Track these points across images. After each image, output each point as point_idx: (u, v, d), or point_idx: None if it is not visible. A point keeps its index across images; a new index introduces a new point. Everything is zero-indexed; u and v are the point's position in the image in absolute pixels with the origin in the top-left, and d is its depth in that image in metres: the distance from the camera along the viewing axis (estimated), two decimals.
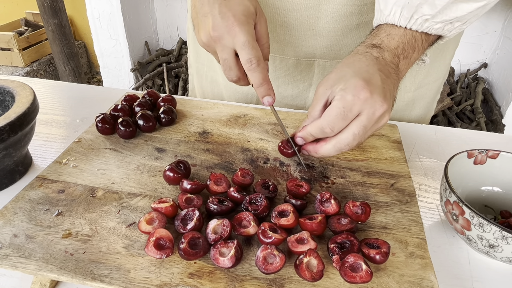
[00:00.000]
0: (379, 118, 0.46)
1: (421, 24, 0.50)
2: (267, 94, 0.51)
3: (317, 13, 0.65)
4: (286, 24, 0.67)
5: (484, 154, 0.52)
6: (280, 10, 0.66)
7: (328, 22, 0.66)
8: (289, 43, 0.70)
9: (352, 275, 0.38)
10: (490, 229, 0.41)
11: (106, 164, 0.54)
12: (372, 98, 0.44)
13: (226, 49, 0.50)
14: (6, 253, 0.40)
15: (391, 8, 0.51)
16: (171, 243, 0.41)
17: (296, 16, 0.66)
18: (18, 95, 0.56)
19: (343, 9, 0.64)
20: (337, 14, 0.65)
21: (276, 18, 0.67)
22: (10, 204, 0.46)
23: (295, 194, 0.48)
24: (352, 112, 0.45)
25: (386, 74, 0.47)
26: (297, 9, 0.65)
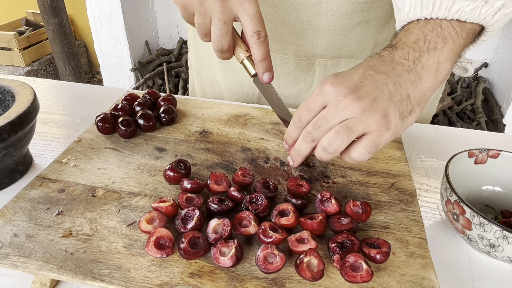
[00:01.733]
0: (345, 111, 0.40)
1: (447, 8, 0.43)
2: (268, 70, 0.50)
3: (318, 11, 0.65)
4: (286, 23, 0.67)
5: (485, 154, 0.52)
6: (280, 8, 0.66)
7: (329, 20, 0.66)
8: (289, 42, 0.70)
9: (353, 274, 0.38)
10: (491, 229, 0.41)
11: (107, 164, 0.54)
12: (334, 90, 0.41)
13: (229, 12, 0.47)
14: (6, 252, 0.40)
15: (410, 3, 0.45)
16: (171, 242, 0.41)
17: (296, 15, 0.66)
18: (19, 94, 0.56)
19: (344, 7, 0.64)
20: (337, 12, 0.65)
21: (276, 17, 0.67)
22: (10, 204, 0.46)
23: (295, 193, 0.48)
24: (315, 104, 0.43)
25: (380, 70, 0.43)
26: (297, 7, 0.65)
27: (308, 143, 0.44)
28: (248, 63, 0.51)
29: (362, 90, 0.41)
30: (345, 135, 0.40)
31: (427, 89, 0.43)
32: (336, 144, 0.41)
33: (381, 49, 0.46)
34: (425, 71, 0.43)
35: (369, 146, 0.41)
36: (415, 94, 0.42)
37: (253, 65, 0.51)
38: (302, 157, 0.46)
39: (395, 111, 0.41)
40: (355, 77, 0.42)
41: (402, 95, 0.42)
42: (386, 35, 0.70)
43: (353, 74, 0.42)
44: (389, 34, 0.71)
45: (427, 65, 0.43)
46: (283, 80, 0.76)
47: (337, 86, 0.41)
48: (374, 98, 0.40)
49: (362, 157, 0.41)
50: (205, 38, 0.51)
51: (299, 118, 0.44)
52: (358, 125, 0.40)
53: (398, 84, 0.42)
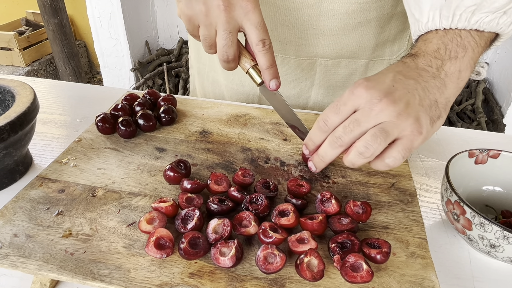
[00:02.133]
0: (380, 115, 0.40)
1: (467, 19, 0.44)
2: (274, 77, 0.50)
3: (318, 11, 0.65)
4: (287, 23, 0.67)
5: (485, 154, 0.52)
6: (281, 9, 0.66)
7: (330, 21, 0.66)
8: (290, 42, 0.70)
9: (353, 275, 0.38)
10: (491, 229, 0.41)
11: (107, 164, 0.54)
12: (368, 93, 0.40)
13: (233, 22, 0.47)
14: (6, 252, 0.40)
15: (428, 14, 0.46)
16: (171, 242, 0.41)
17: (297, 15, 0.66)
18: (19, 94, 0.56)
19: (345, 7, 0.64)
20: (338, 13, 0.65)
21: (277, 17, 0.67)
22: (10, 204, 0.46)
23: (295, 193, 0.48)
24: (346, 106, 0.41)
25: (409, 75, 0.43)
26: (298, 7, 0.65)
27: (335, 148, 0.42)
28: (254, 72, 0.51)
29: (396, 94, 0.40)
30: (382, 139, 0.39)
31: (451, 95, 0.43)
32: (373, 148, 0.39)
33: (401, 58, 0.46)
34: (448, 78, 0.43)
35: (403, 151, 0.40)
36: (441, 100, 0.42)
37: (258, 73, 0.51)
38: (326, 163, 0.44)
39: (426, 115, 0.40)
40: (387, 81, 0.41)
41: (431, 100, 0.42)
42: (387, 35, 0.70)
43: (384, 78, 0.42)
44: (390, 34, 0.71)
45: (450, 73, 0.43)
46: (284, 80, 0.76)
47: (370, 89, 0.40)
48: (407, 102, 0.40)
49: (397, 163, 0.41)
50: (210, 50, 0.51)
51: (325, 121, 0.42)
52: (393, 129, 0.39)
53: (427, 89, 0.42)
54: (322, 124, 0.43)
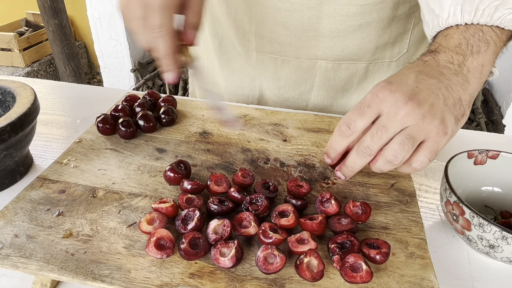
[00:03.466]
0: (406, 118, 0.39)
1: (490, 15, 0.43)
2: (168, 70, 0.47)
3: (319, 13, 0.65)
4: (287, 25, 0.67)
5: (484, 155, 0.52)
6: (281, 11, 0.66)
7: (330, 23, 0.66)
8: (290, 44, 0.70)
9: (353, 275, 0.38)
10: (490, 229, 0.41)
11: (107, 165, 0.54)
12: (392, 96, 0.39)
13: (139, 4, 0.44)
14: (7, 253, 0.40)
15: (449, 9, 0.45)
16: (171, 243, 0.41)
17: (297, 17, 0.66)
18: (19, 95, 0.56)
19: (345, 9, 0.64)
20: (339, 15, 0.65)
21: (277, 19, 0.67)
22: (11, 204, 0.46)
23: (295, 194, 0.48)
24: (370, 109, 0.40)
25: (430, 75, 0.42)
26: (298, 9, 0.65)
27: (365, 157, 0.41)
28: None
29: (420, 95, 0.39)
30: (410, 146, 0.39)
31: (475, 91, 0.43)
32: (402, 156, 0.39)
33: (420, 55, 0.45)
34: (471, 74, 0.43)
35: (429, 154, 0.40)
36: (465, 97, 0.42)
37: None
38: (356, 172, 0.43)
39: (450, 115, 0.40)
40: (410, 82, 0.41)
41: (455, 99, 0.41)
42: (388, 37, 0.70)
43: (407, 79, 0.41)
44: (391, 37, 0.71)
45: (472, 68, 0.43)
46: (283, 82, 0.76)
47: (395, 92, 0.39)
48: (432, 103, 0.39)
49: (424, 166, 0.40)
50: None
51: (349, 125, 0.41)
52: (419, 132, 0.39)
53: (450, 87, 0.41)
54: (345, 128, 0.41)
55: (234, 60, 0.78)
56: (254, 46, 0.73)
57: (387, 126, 0.39)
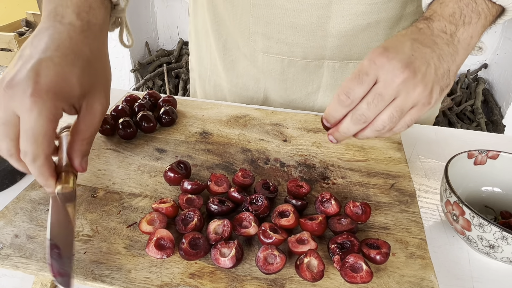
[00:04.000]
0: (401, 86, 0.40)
1: None
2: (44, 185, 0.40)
3: (328, 13, 0.64)
4: (295, 25, 0.67)
5: (484, 155, 0.52)
6: (289, 11, 0.66)
7: (339, 22, 0.65)
8: (298, 45, 0.69)
9: (353, 275, 0.38)
10: (490, 230, 0.41)
11: (107, 165, 0.54)
12: (390, 64, 0.40)
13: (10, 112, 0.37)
14: (7, 253, 0.40)
15: None
16: (171, 243, 0.41)
17: (306, 17, 0.66)
18: None
19: (354, 9, 0.64)
20: (348, 14, 0.64)
21: (285, 20, 0.67)
22: (11, 205, 0.46)
23: (295, 194, 0.48)
24: (368, 76, 0.40)
25: (425, 43, 0.42)
26: (307, 9, 0.65)
27: (359, 124, 0.42)
28: None
29: (415, 64, 0.40)
30: (398, 118, 0.41)
31: (461, 62, 0.44)
32: (389, 126, 0.41)
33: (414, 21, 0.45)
34: (460, 45, 0.44)
35: (410, 122, 0.42)
36: (453, 68, 0.43)
37: None
38: (348, 137, 0.44)
39: (438, 86, 0.41)
40: (406, 50, 0.41)
41: (444, 70, 0.42)
42: None
43: (403, 46, 0.41)
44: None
45: (462, 39, 0.44)
46: (290, 83, 0.75)
47: (392, 60, 0.40)
48: (424, 73, 0.40)
49: (402, 131, 0.43)
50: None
51: (348, 94, 0.41)
52: (408, 103, 0.40)
53: (441, 57, 0.42)
54: (344, 97, 0.41)
55: (239, 62, 0.77)
56: (260, 47, 0.73)
57: (383, 94, 0.40)
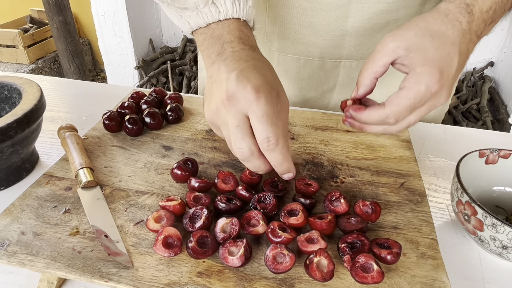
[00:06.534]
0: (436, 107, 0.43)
1: None
2: (287, 172, 0.44)
3: (347, 12, 0.63)
4: (313, 24, 0.66)
5: (496, 154, 0.51)
6: (307, 10, 0.65)
7: (358, 21, 0.64)
8: (315, 44, 0.68)
9: (363, 275, 0.37)
10: (503, 230, 0.40)
11: (113, 162, 0.54)
12: (440, 93, 0.41)
13: (239, 115, 0.41)
14: (14, 250, 0.40)
15: None
16: (179, 241, 0.40)
17: (324, 16, 0.65)
18: (25, 92, 0.56)
19: (374, 7, 0.62)
20: (367, 13, 0.63)
21: (302, 19, 0.66)
22: (18, 201, 0.46)
23: (304, 193, 0.48)
24: (420, 104, 0.42)
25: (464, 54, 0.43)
26: (325, 9, 0.64)
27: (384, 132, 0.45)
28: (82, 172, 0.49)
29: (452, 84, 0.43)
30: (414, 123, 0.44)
31: None
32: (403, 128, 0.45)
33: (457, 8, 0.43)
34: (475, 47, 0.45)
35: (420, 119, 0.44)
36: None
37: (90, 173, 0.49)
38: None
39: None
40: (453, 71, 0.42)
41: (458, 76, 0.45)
42: None
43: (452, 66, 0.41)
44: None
45: (480, 38, 0.45)
46: (305, 83, 0.74)
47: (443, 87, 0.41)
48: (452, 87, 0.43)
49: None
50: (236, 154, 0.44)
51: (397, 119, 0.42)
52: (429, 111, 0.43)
53: (465, 64, 0.44)
54: (392, 121, 0.42)
55: None
56: (276, 47, 0.72)
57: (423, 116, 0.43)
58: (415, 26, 0.43)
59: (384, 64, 0.43)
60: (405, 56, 0.41)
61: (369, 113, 0.43)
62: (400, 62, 0.42)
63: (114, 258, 0.39)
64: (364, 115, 0.44)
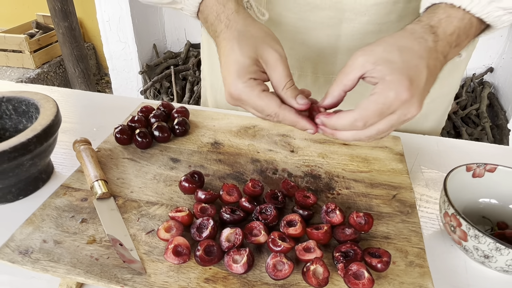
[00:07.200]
0: (409, 119, 0.45)
1: (483, 7, 0.46)
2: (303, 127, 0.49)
3: (338, 31, 0.67)
4: (306, 42, 0.70)
5: (482, 168, 0.55)
6: (301, 29, 0.68)
7: (348, 41, 0.67)
8: (308, 60, 0.72)
9: (355, 282, 0.41)
10: (485, 241, 0.44)
11: (125, 174, 0.58)
12: (411, 102, 0.43)
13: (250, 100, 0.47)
14: (37, 257, 0.44)
15: None
16: (188, 250, 0.44)
17: (316, 35, 0.68)
18: (42, 107, 0.60)
19: (364, 28, 0.66)
20: (358, 33, 0.66)
21: (296, 37, 0.70)
22: (38, 211, 0.50)
23: (302, 204, 0.51)
24: (389, 110, 0.43)
25: (433, 71, 0.45)
26: (318, 28, 0.67)
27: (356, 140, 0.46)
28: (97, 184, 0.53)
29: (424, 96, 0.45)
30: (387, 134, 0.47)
31: None
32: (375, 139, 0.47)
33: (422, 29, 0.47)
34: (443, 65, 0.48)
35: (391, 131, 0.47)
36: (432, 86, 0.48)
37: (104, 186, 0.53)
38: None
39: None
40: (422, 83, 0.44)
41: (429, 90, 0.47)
42: None
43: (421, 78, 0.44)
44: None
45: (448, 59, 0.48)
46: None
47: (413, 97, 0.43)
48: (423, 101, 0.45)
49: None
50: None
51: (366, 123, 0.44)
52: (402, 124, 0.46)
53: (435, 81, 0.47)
54: (361, 124, 0.44)
55: None
56: None
57: (394, 125, 0.45)
58: (383, 42, 0.46)
59: (353, 78, 0.45)
60: (373, 70, 0.44)
61: (338, 117, 0.45)
62: (369, 75, 0.45)
63: (129, 265, 0.43)
64: (333, 119, 0.46)
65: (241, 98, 0.47)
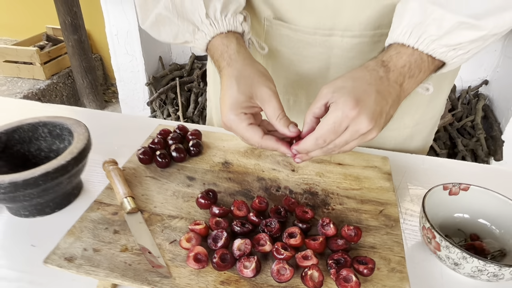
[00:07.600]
0: (364, 135, 0.52)
1: (427, 45, 0.54)
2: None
3: (328, 64, 0.76)
4: (300, 72, 0.79)
5: (457, 187, 0.64)
6: (294, 61, 0.78)
7: (337, 73, 0.76)
8: (301, 88, 0.81)
9: (345, 285, 0.50)
10: (454, 251, 0.53)
11: (148, 190, 0.66)
12: (358, 118, 0.50)
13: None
14: (80, 263, 0.53)
15: (403, 28, 0.55)
16: (206, 257, 0.53)
17: (309, 67, 0.77)
18: (75, 131, 0.69)
19: (351, 63, 0.75)
20: (345, 66, 0.75)
21: (291, 68, 0.79)
22: (77, 224, 0.59)
23: (301, 219, 0.60)
24: (341, 127, 0.51)
25: (384, 95, 0.53)
26: (310, 61, 0.76)
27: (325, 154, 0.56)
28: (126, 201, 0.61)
29: (379, 120, 0.52)
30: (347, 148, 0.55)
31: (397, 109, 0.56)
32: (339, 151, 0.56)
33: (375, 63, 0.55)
34: (403, 95, 0.56)
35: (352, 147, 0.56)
36: (393, 114, 0.56)
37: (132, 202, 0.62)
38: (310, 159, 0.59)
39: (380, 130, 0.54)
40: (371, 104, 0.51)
41: (390, 116, 0.55)
42: None
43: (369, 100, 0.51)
44: None
45: (405, 89, 0.56)
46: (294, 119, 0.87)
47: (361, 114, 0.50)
48: (380, 122, 0.53)
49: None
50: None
51: (325, 141, 0.53)
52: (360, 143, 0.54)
53: (392, 108, 0.55)
54: (321, 142, 0.53)
55: None
56: None
57: (348, 141, 0.53)
58: (343, 76, 0.55)
59: (319, 106, 0.54)
60: (332, 97, 0.53)
61: (304, 141, 0.55)
62: (330, 102, 0.53)
63: (157, 270, 0.51)
64: (301, 144, 0.55)
65: (232, 127, 0.58)
